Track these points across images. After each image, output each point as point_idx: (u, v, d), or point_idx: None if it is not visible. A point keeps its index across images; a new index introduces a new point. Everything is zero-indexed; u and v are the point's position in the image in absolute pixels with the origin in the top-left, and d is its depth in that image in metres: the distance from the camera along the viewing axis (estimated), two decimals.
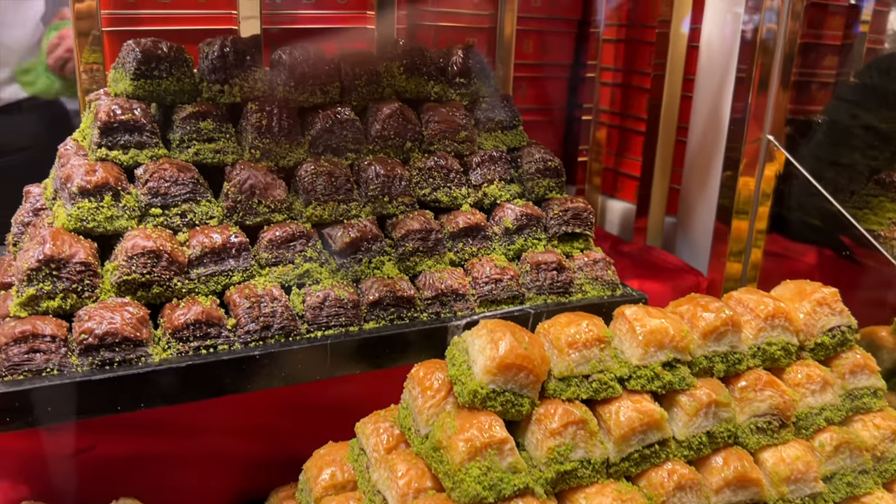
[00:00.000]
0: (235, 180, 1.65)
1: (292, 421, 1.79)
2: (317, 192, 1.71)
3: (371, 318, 1.68)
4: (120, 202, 1.56)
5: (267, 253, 1.64)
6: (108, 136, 1.60)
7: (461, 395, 1.36)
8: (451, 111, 1.91)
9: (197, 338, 1.52)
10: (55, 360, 1.42)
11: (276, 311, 1.58)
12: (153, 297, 1.54)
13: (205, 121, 1.67)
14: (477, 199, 1.89)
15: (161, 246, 1.52)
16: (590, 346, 1.42)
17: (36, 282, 1.44)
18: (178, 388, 1.49)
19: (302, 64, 1.78)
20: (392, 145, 1.84)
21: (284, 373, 1.58)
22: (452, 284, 1.74)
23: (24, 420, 1.38)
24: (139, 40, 1.66)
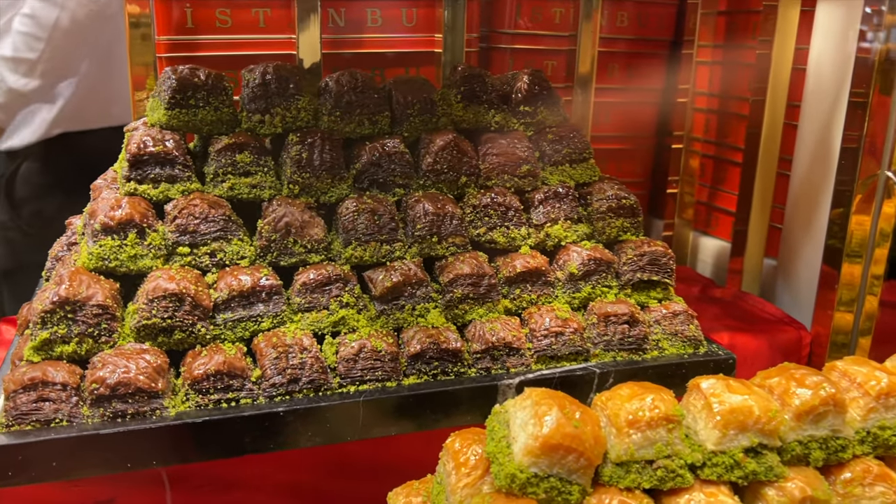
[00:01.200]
0: (270, 217, 1.53)
1: (321, 481, 1.64)
2: (358, 232, 1.56)
3: (412, 372, 1.51)
4: (145, 240, 1.45)
5: (300, 297, 1.50)
6: (138, 169, 1.50)
7: (498, 478, 1.16)
8: (513, 142, 1.72)
9: (218, 390, 1.39)
10: (65, 410, 1.32)
11: (305, 362, 1.43)
12: (175, 343, 1.43)
13: (242, 153, 1.55)
14: (538, 240, 1.69)
15: (184, 288, 1.41)
16: (655, 425, 1.19)
17: (50, 325, 1.35)
18: (193, 446, 1.36)
19: (349, 91, 1.65)
20: (445, 180, 1.67)
21: (311, 432, 1.42)
22: (505, 337, 1.55)
23: (28, 475, 1.28)
24: (176, 67, 1.57)
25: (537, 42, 2.48)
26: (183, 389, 1.39)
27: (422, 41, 2.27)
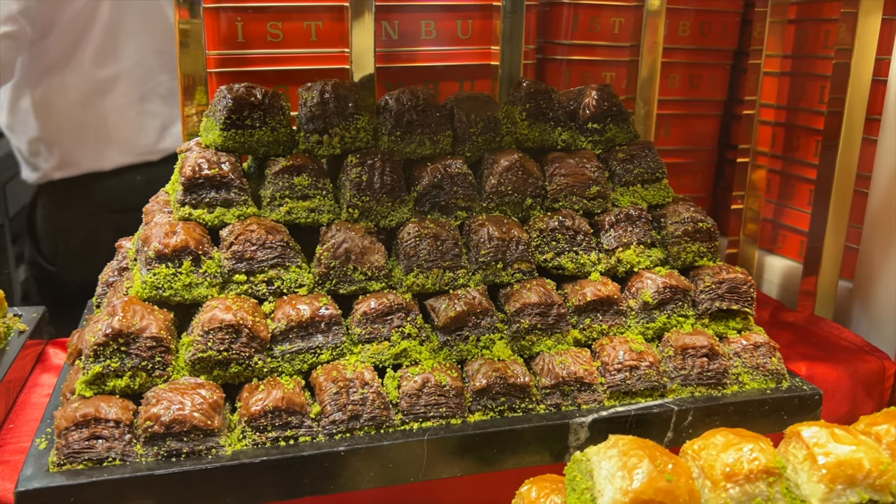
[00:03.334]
0: (329, 243, 1.45)
1: None
2: (420, 258, 1.47)
3: (477, 408, 1.42)
4: (200, 268, 1.39)
5: (360, 328, 1.43)
6: (193, 193, 1.44)
7: None
8: (581, 162, 1.63)
9: (276, 427, 1.32)
10: (118, 449, 1.25)
11: (366, 398, 1.35)
12: (231, 376, 1.36)
13: (300, 176, 1.48)
14: (609, 266, 1.59)
15: (241, 319, 1.34)
16: (755, 478, 1.09)
17: (103, 358, 1.29)
18: (251, 487, 1.29)
19: (410, 110, 1.57)
20: (510, 202, 1.58)
21: (373, 472, 1.34)
22: (576, 371, 1.45)
23: None
24: (231, 86, 1.51)
25: (595, 53, 2.38)
26: (239, 427, 1.32)
27: (477, 53, 2.18)
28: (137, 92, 2.78)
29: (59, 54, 2.67)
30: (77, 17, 2.64)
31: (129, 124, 2.77)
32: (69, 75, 2.68)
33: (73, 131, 2.74)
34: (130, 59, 2.74)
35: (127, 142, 2.78)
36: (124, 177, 2.83)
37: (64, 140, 2.75)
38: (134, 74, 2.75)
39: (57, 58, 2.66)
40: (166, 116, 2.77)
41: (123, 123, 2.75)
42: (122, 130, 2.76)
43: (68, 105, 2.71)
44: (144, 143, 2.80)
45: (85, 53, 2.67)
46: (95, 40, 2.67)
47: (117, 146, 2.80)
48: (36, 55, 2.67)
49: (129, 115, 2.79)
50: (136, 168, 2.81)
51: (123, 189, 2.82)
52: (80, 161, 2.76)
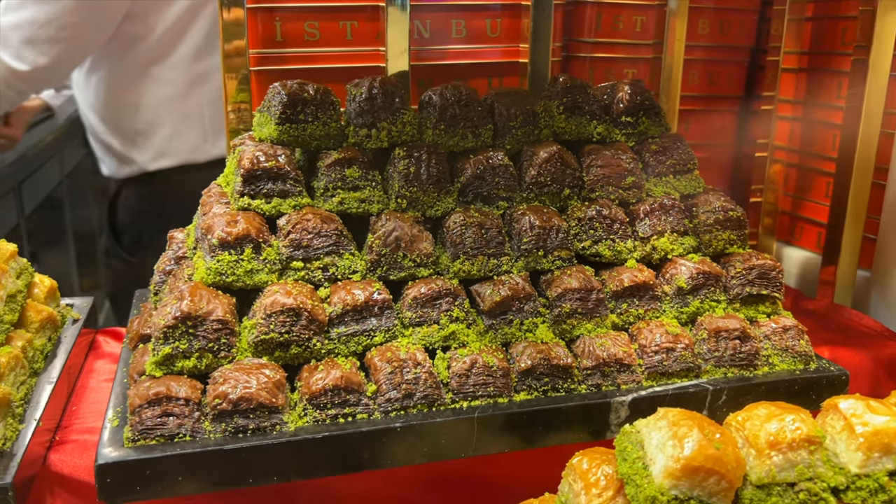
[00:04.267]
0: (380, 232, 1.52)
1: (435, 497, 1.62)
2: (465, 246, 1.55)
3: (522, 388, 1.49)
4: (261, 255, 1.46)
5: (411, 312, 1.50)
6: (251, 185, 1.51)
7: (636, 500, 1.13)
8: (616, 154, 1.70)
9: (335, 405, 1.39)
10: (188, 426, 1.33)
11: (419, 377, 1.43)
12: (291, 357, 1.43)
13: (350, 168, 1.55)
14: (644, 253, 1.66)
15: (302, 303, 1.41)
16: (797, 447, 1.16)
17: (172, 340, 1.36)
18: (313, 461, 1.36)
19: (453, 105, 1.64)
20: (548, 192, 1.66)
21: (427, 448, 1.41)
22: (616, 353, 1.52)
23: (155, 490, 1.29)
24: (285, 82, 1.58)
25: (617, 50, 2.45)
26: (301, 405, 1.39)
27: (506, 51, 2.26)
28: None
29: (160, 51, 2.78)
30: (181, 16, 2.74)
31: (221, 116, 2.86)
32: (169, 70, 2.79)
33: (172, 123, 2.83)
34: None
35: (220, 134, 2.88)
36: (215, 170, 2.92)
37: (163, 131, 2.85)
38: None
39: (158, 54, 2.78)
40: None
41: (218, 115, 2.85)
42: (216, 122, 2.86)
43: (168, 97, 2.81)
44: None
45: (185, 49, 2.78)
46: (195, 37, 2.79)
47: (212, 138, 2.89)
48: (137, 52, 2.77)
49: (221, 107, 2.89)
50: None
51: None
52: (177, 152, 2.85)
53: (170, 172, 2.95)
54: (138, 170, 2.95)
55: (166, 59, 2.83)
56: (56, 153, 4.71)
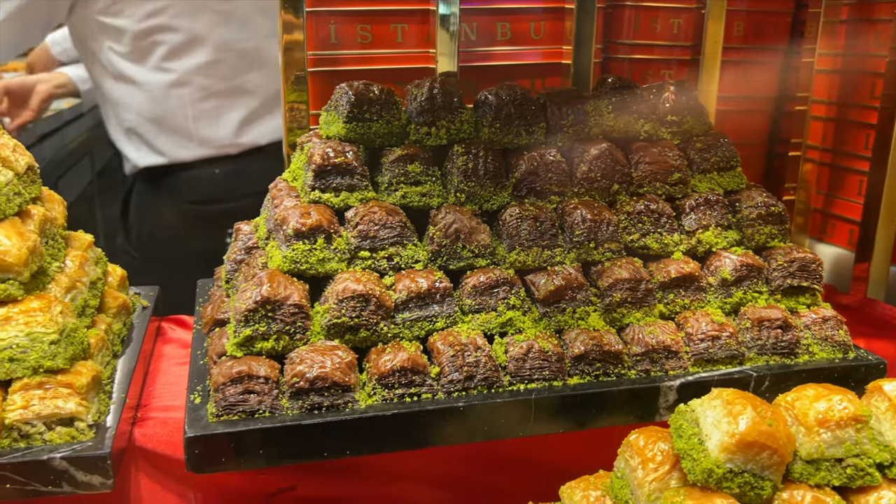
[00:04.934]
0: (441, 224, 1.61)
1: (486, 475, 1.71)
2: (521, 238, 1.63)
3: (575, 372, 1.58)
4: (331, 245, 1.56)
5: (470, 299, 1.59)
6: (322, 179, 1.61)
7: (692, 473, 1.22)
8: (663, 151, 1.78)
9: (402, 385, 1.48)
10: (267, 402, 1.42)
11: (479, 360, 1.52)
12: (359, 340, 1.53)
13: (412, 164, 1.65)
14: (690, 246, 1.75)
15: (370, 290, 1.50)
16: (844, 425, 1.24)
17: (252, 323, 1.46)
18: (383, 437, 1.45)
19: (508, 104, 1.73)
20: (598, 188, 1.74)
21: (487, 427, 1.50)
22: (664, 340, 1.61)
23: (238, 462, 1.39)
24: (351, 83, 1.67)
25: (655, 52, 2.53)
26: (370, 384, 1.48)
27: (549, 53, 2.34)
28: (216, 87, 2.95)
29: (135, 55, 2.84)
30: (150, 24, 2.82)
31: (208, 117, 2.94)
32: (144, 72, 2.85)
33: (153, 122, 2.91)
34: (207, 56, 2.90)
35: (206, 135, 2.95)
36: (204, 169, 3.00)
37: (147, 130, 2.94)
38: (213, 71, 2.91)
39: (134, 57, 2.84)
40: (247, 112, 2.94)
41: (203, 116, 2.92)
42: (200, 123, 2.93)
43: (147, 98, 2.88)
44: (223, 137, 2.97)
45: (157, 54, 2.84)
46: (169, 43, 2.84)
47: (196, 138, 2.97)
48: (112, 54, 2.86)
49: (207, 108, 2.95)
50: (215, 160, 2.98)
51: (202, 180, 3.00)
52: (163, 151, 2.94)
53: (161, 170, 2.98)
54: (134, 167, 3.03)
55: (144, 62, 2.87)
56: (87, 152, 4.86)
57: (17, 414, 1.34)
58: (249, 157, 2.99)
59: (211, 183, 2.99)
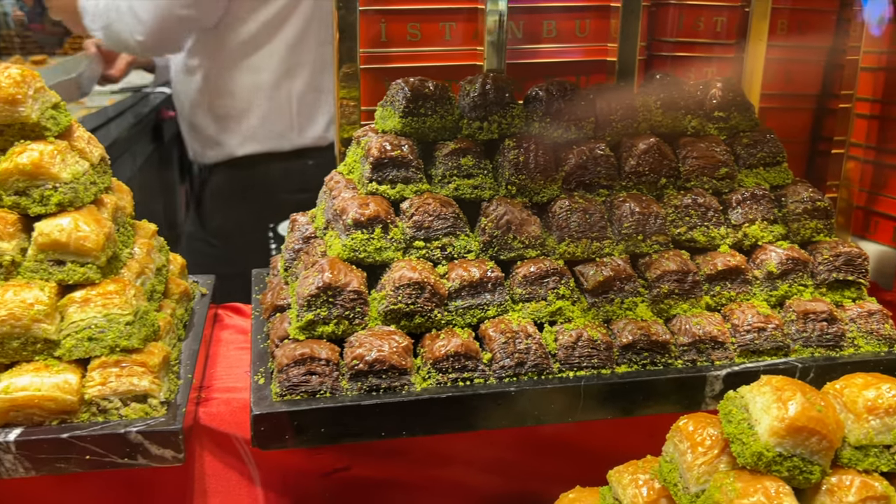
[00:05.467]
0: (492, 216, 1.67)
1: (533, 460, 1.76)
2: (570, 229, 1.68)
3: (623, 361, 1.62)
4: (388, 234, 1.62)
5: (521, 289, 1.64)
6: (379, 172, 1.67)
7: (741, 456, 1.26)
8: (710, 146, 1.81)
9: (455, 369, 1.54)
10: (328, 384, 1.49)
11: (530, 347, 1.57)
12: (414, 326, 1.59)
13: (465, 157, 1.70)
14: (736, 239, 1.78)
15: (425, 278, 1.56)
16: (893, 412, 1.26)
17: (314, 307, 1.53)
18: (437, 419, 1.51)
19: (558, 99, 1.77)
20: (646, 182, 1.78)
21: (538, 411, 1.55)
22: (711, 331, 1.64)
23: (301, 440, 1.46)
24: (407, 79, 1.73)
25: (697, 50, 2.55)
26: (424, 368, 1.54)
27: (594, 50, 2.38)
28: (316, 81, 3.08)
29: (258, 41, 2.98)
30: (280, 10, 2.96)
31: (308, 110, 3.07)
32: (265, 59, 2.99)
33: (262, 110, 3.04)
34: (313, 52, 3.04)
35: (306, 125, 3.08)
36: (298, 160, 3.13)
37: (253, 118, 3.06)
38: (315, 66, 3.05)
39: (257, 44, 2.98)
40: (330, 107, 3.05)
41: (305, 106, 3.05)
42: (303, 112, 3.06)
43: (261, 85, 3.02)
44: (317, 130, 3.10)
45: (281, 40, 2.99)
46: (291, 29, 2.99)
47: (297, 128, 3.09)
48: (236, 40, 2.99)
49: (308, 100, 3.08)
50: (310, 151, 3.11)
51: (298, 171, 3.12)
52: (264, 138, 3.06)
53: (256, 158, 3.14)
54: (226, 154, 3.14)
55: (263, 48, 3.03)
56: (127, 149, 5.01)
57: (96, 390, 1.42)
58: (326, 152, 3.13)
59: (303, 173, 3.11)
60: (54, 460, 1.37)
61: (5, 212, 1.47)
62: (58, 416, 1.40)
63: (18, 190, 1.48)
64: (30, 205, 1.48)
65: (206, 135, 3.17)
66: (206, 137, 3.17)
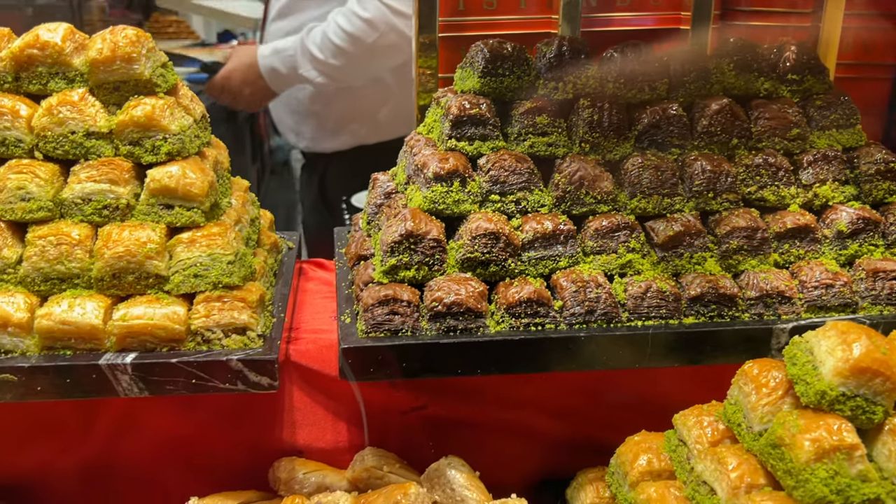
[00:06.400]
0: (566, 171, 1.74)
1: (599, 408, 1.84)
2: (642, 185, 1.74)
3: (690, 313, 1.68)
4: (466, 188, 1.71)
5: (592, 241, 1.71)
6: (458, 129, 1.76)
7: (805, 396, 1.31)
8: (783, 108, 1.84)
9: (528, 315, 1.62)
10: (409, 324, 1.60)
11: (600, 297, 1.64)
12: (489, 275, 1.68)
13: (540, 116, 1.78)
14: (806, 199, 1.81)
15: (500, 229, 1.65)
16: None
17: (397, 253, 1.64)
18: (510, 360, 1.60)
19: (632, 61, 1.83)
20: (718, 142, 1.82)
21: (606, 357, 1.63)
22: (778, 286, 1.68)
23: (384, 373, 1.57)
24: (487, 41, 1.82)
25: (772, 19, 2.55)
26: (498, 313, 1.63)
27: (667, 19, 2.41)
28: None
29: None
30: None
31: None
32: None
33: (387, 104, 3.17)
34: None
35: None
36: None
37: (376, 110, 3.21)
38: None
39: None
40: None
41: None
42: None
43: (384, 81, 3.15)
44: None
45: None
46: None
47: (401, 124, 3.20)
48: None
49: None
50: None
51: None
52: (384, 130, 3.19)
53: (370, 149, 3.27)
54: (349, 143, 3.28)
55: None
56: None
57: (201, 321, 1.56)
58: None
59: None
60: (164, 382, 1.52)
61: (121, 160, 1.62)
62: (167, 344, 1.55)
63: (133, 140, 1.63)
64: (142, 154, 1.63)
65: (328, 126, 3.29)
66: (328, 129, 3.30)
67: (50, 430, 1.70)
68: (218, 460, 1.75)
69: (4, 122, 1.60)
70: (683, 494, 1.46)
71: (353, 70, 3.06)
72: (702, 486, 1.42)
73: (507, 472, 1.80)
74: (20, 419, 1.69)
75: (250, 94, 3.27)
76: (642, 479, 1.54)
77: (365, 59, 3.04)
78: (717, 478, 1.38)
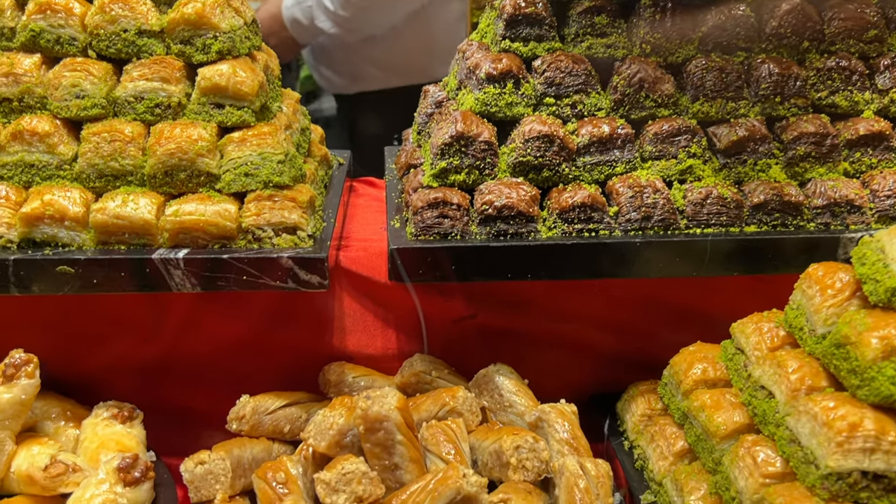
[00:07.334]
0: (625, 74, 1.67)
1: (652, 322, 1.79)
2: (705, 88, 1.66)
3: (753, 221, 1.61)
4: (519, 90, 1.66)
5: (651, 146, 1.65)
6: (512, 29, 1.70)
7: (874, 294, 1.24)
8: (860, 7, 1.72)
9: (581, 220, 1.58)
10: (459, 227, 1.57)
11: (657, 202, 1.58)
12: (542, 180, 1.63)
13: (599, 15, 1.70)
14: (882, 105, 1.70)
15: (555, 132, 1.60)
16: None
17: (447, 156, 1.61)
18: (561, 265, 1.57)
19: None
20: (788, 45, 1.72)
21: (662, 264, 1.58)
22: (848, 194, 1.60)
23: (433, 275, 1.56)
24: None
25: None
26: (550, 218, 1.59)
27: None
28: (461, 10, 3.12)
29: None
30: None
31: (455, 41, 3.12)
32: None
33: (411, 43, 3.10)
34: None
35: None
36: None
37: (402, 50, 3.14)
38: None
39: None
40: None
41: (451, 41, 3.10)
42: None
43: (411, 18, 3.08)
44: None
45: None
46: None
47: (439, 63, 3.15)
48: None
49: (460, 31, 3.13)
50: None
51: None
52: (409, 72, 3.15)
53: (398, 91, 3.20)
54: (367, 86, 3.23)
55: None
56: None
57: (252, 219, 1.56)
58: None
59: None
60: (216, 278, 1.54)
61: (173, 58, 1.62)
62: (218, 241, 1.56)
63: (184, 39, 1.62)
64: (193, 53, 1.62)
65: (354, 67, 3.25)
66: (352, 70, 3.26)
67: (108, 330, 1.74)
68: (270, 362, 1.77)
69: (58, 19, 1.61)
70: (739, 400, 1.42)
71: (364, 18, 3.02)
72: (759, 391, 1.37)
73: (556, 384, 1.78)
74: (81, 319, 1.73)
75: (276, 46, 3.27)
76: (696, 388, 1.50)
77: (376, 6, 2.99)
78: (776, 381, 1.33)
